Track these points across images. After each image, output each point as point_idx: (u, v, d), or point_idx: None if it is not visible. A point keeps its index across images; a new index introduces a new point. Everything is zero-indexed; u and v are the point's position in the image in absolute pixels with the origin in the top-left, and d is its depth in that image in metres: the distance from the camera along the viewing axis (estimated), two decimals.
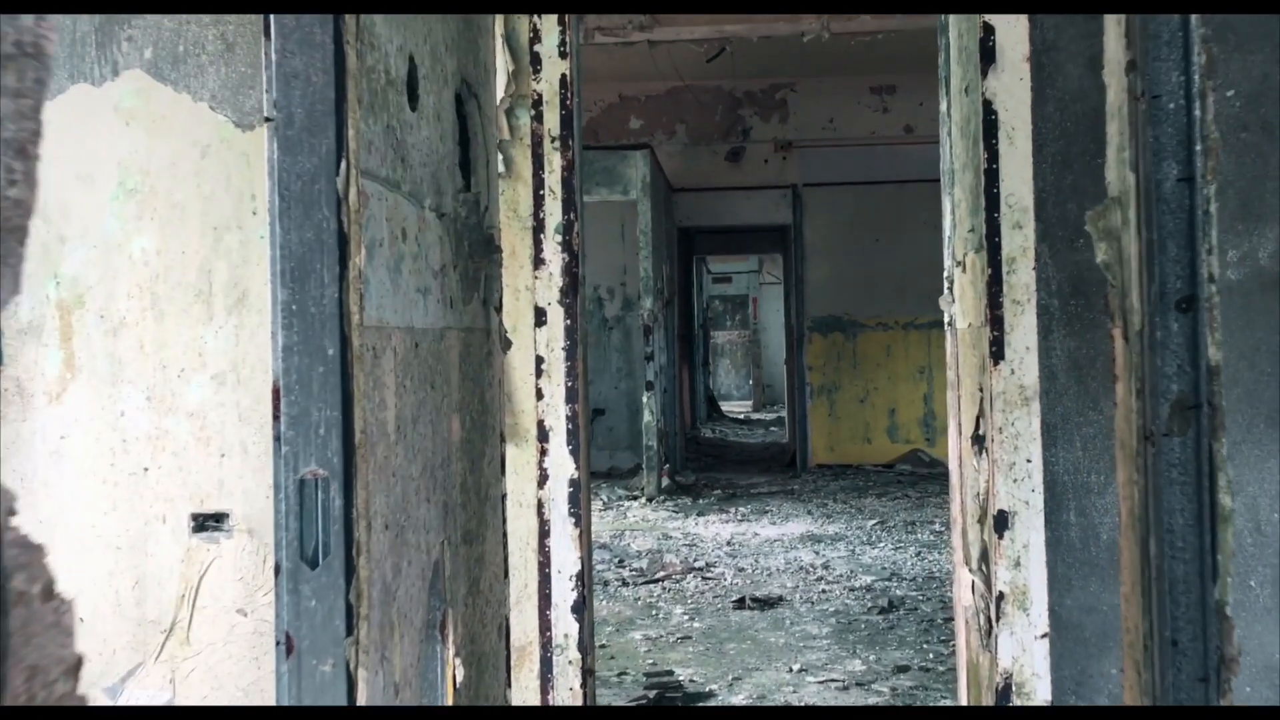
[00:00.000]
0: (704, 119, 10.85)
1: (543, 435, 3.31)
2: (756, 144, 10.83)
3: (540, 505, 3.32)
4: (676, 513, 8.16)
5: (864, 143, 10.62)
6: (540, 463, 3.28)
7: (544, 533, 3.32)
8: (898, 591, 5.41)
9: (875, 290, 10.64)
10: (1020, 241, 2.83)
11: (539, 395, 3.32)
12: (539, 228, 3.34)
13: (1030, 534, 2.81)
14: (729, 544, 6.82)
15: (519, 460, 3.30)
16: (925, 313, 10.54)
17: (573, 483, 3.30)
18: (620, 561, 6.29)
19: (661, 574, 5.83)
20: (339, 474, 1.37)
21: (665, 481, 9.00)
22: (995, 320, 2.84)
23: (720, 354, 23.48)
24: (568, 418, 3.28)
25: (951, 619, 4.89)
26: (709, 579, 5.78)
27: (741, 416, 18.73)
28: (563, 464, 3.30)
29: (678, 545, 6.81)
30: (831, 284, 10.72)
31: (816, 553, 6.46)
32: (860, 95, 10.60)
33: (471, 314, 2.00)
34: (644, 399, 8.81)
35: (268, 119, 1.39)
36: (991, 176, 2.85)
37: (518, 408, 3.31)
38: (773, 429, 16.17)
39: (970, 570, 3.14)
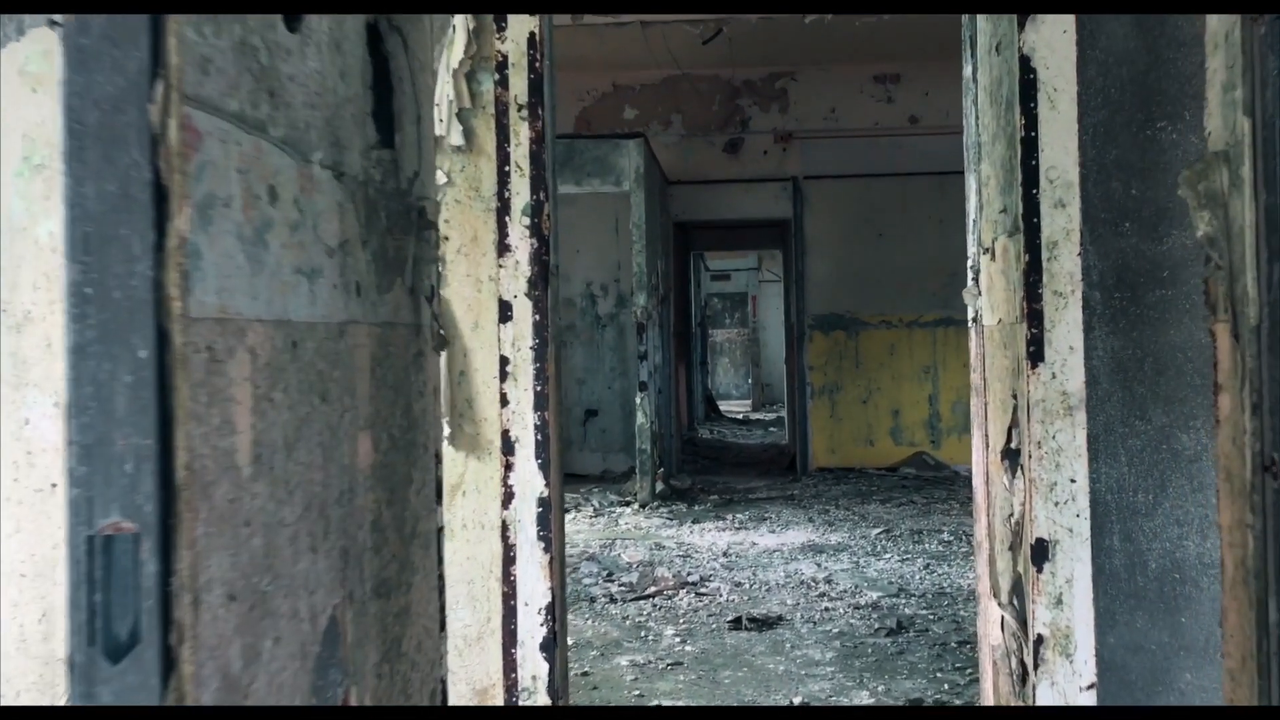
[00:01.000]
0: (701, 109, 10.44)
1: (507, 447, 2.90)
2: (755, 135, 10.42)
3: (505, 528, 2.90)
4: (671, 520, 7.75)
5: (867, 134, 10.21)
6: (505, 479, 2.86)
7: (509, 559, 2.91)
8: (906, 610, 5.00)
9: (878, 287, 10.23)
10: (1063, 222, 2.42)
11: (503, 401, 2.90)
12: (503, 209, 2.92)
13: (1074, 566, 2.40)
14: (725, 555, 6.41)
15: (480, 476, 2.89)
16: (930, 310, 10.13)
17: (542, 502, 2.88)
18: (609, 575, 5.88)
19: (653, 589, 5.42)
20: (153, 528, 0.96)
21: (659, 486, 8.59)
22: (1033, 315, 2.43)
23: (719, 353, 23.07)
24: (536, 427, 2.87)
25: (967, 642, 4.48)
26: (703, 595, 5.37)
27: (740, 416, 18.32)
28: (530, 480, 2.88)
29: (671, 556, 6.40)
30: (833, 280, 10.31)
31: (818, 565, 6.05)
32: (863, 84, 10.19)
33: (392, 305, 1.60)
34: (637, 400, 8.40)
35: (53, 22, 0.98)
36: (1029, 146, 2.43)
37: (479, 415, 2.90)
38: (772, 429, 15.77)
39: (999, 604, 2.74)
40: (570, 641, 4.59)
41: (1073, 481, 2.37)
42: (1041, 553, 2.38)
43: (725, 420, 17.36)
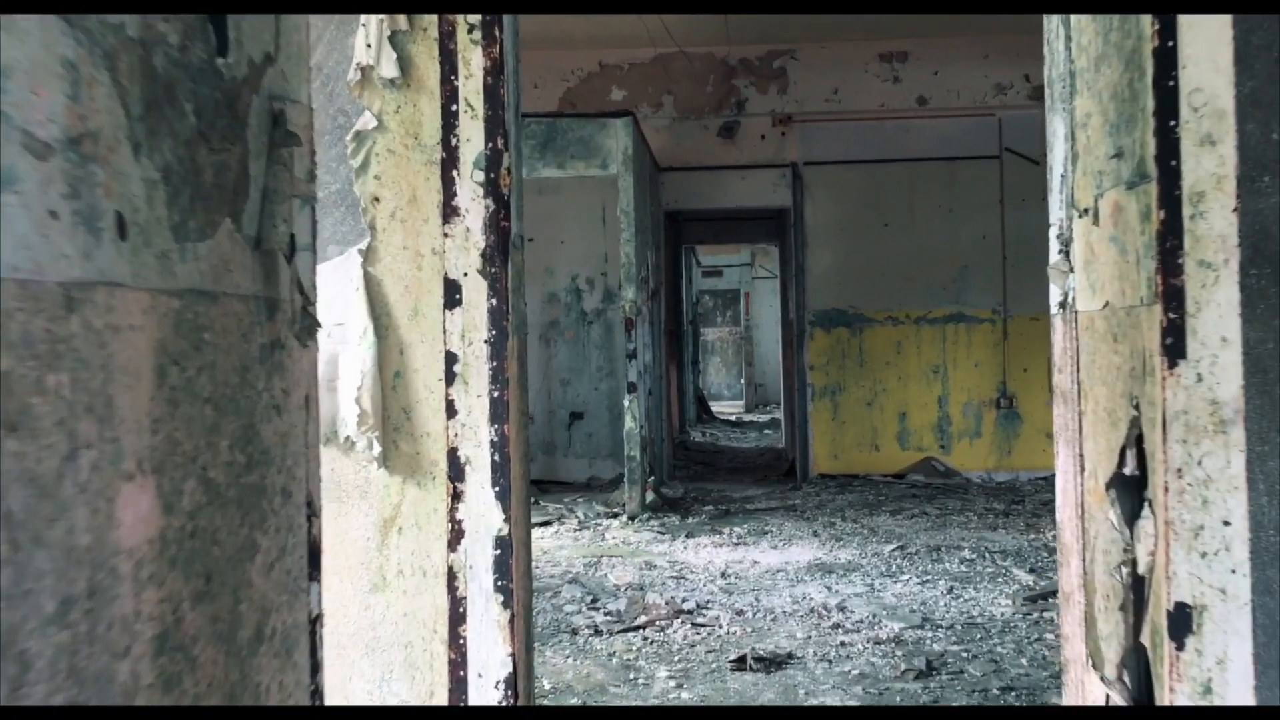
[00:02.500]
0: (694, 90, 9.78)
1: (455, 470, 2.22)
2: (752, 118, 9.76)
3: (452, 575, 2.22)
4: (662, 534, 7.08)
5: (872, 116, 9.56)
6: (452, 511, 2.19)
7: (457, 616, 2.22)
8: (934, 645, 4.35)
9: (884, 280, 9.59)
10: (1212, 166, 1.75)
11: (450, 410, 2.23)
12: (450, 160, 2.25)
13: (1229, 642, 1.74)
14: (724, 575, 5.75)
15: (422, 507, 2.22)
16: (940, 305, 9.50)
17: (500, 542, 2.21)
18: (593, 601, 5.22)
19: (643, 619, 4.75)
20: None
21: (650, 496, 7.92)
22: (1171, 295, 1.77)
23: (710, 352, 22.42)
24: (493, 444, 2.19)
25: (1011, 689, 3.83)
26: (701, 625, 4.70)
27: (733, 418, 17.68)
28: (485, 513, 2.21)
29: (663, 577, 5.74)
30: (835, 274, 9.66)
31: (828, 588, 5.39)
32: (868, 63, 9.54)
33: (210, 263, 0.94)
34: (626, 403, 7.73)
35: None
36: (1165, 61, 1.78)
37: (419, 429, 2.23)
38: (767, 431, 15.13)
39: (1102, 678, 2.09)
40: (547, 685, 3.93)
41: (1226, 525, 1.71)
42: (1183, 623, 1.72)
43: (718, 422, 16.71)
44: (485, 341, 2.12)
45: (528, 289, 9.44)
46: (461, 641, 2.18)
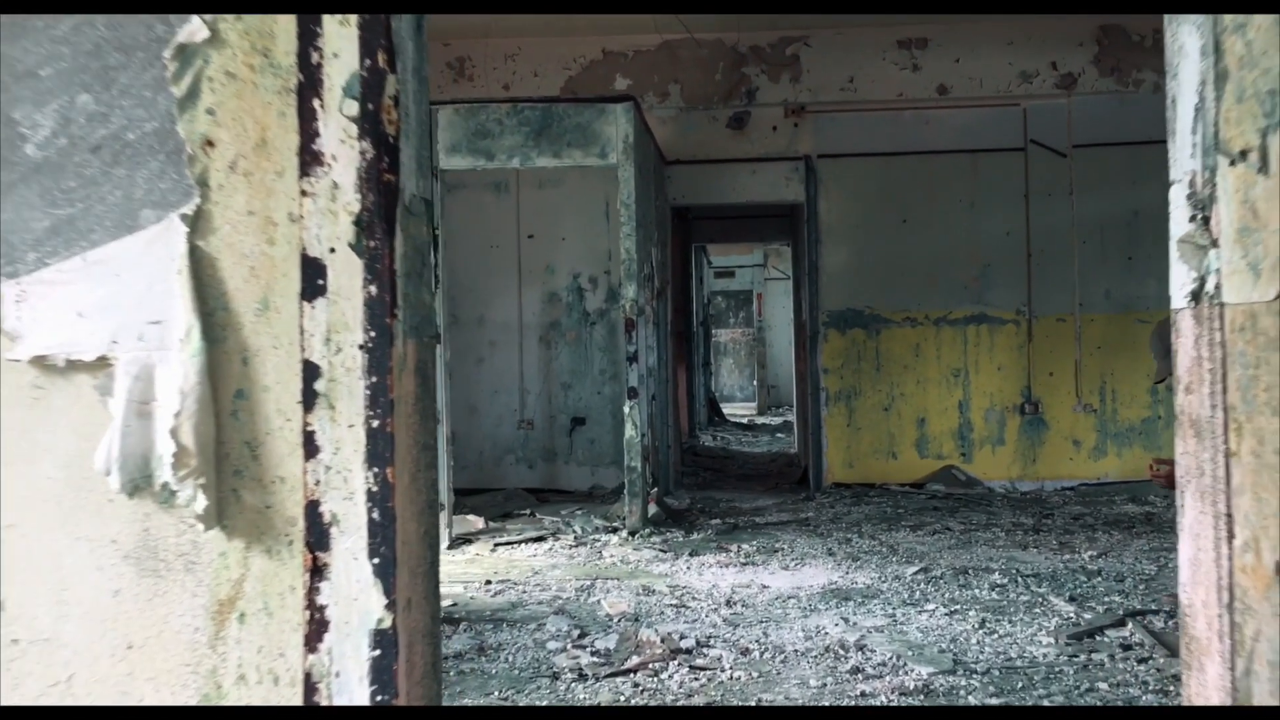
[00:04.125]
0: (702, 79, 9.25)
1: (318, 533, 1.69)
2: (763, 108, 9.23)
3: (311, 683, 1.69)
4: (664, 552, 6.57)
5: (890, 106, 9.02)
6: (312, 592, 1.66)
7: None
8: (971, 697, 3.82)
9: (902, 279, 9.05)
10: None
11: (310, 448, 1.71)
12: (310, 85, 1.73)
13: None
14: (729, 604, 5.23)
15: (272, 584, 1.67)
16: (961, 305, 8.95)
17: (381, 638, 1.63)
18: (581, 635, 4.70)
19: (635, 660, 4.24)
20: None
21: (652, 509, 7.41)
22: None
23: (722, 354, 21.89)
24: (371, 495, 1.64)
25: None
26: (700, 669, 4.18)
27: (745, 421, 17.15)
28: (359, 595, 1.65)
29: (662, 605, 5.22)
30: (851, 272, 9.13)
31: (845, 619, 4.87)
32: (885, 50, 8.99)
33: None
34: (625, 410, 7.21)
35: None
36: None
37: (268, 473, 1.69)
38: (779, 435, 14.61)
39: None
40: None
41: None
42: None
43: (729, 425, 16.19)
44: (360, 347, 1.59)
45: (526, 289, 8.89)
46: None
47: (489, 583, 5.85)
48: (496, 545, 6.95)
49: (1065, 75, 8.71)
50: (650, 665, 4.16)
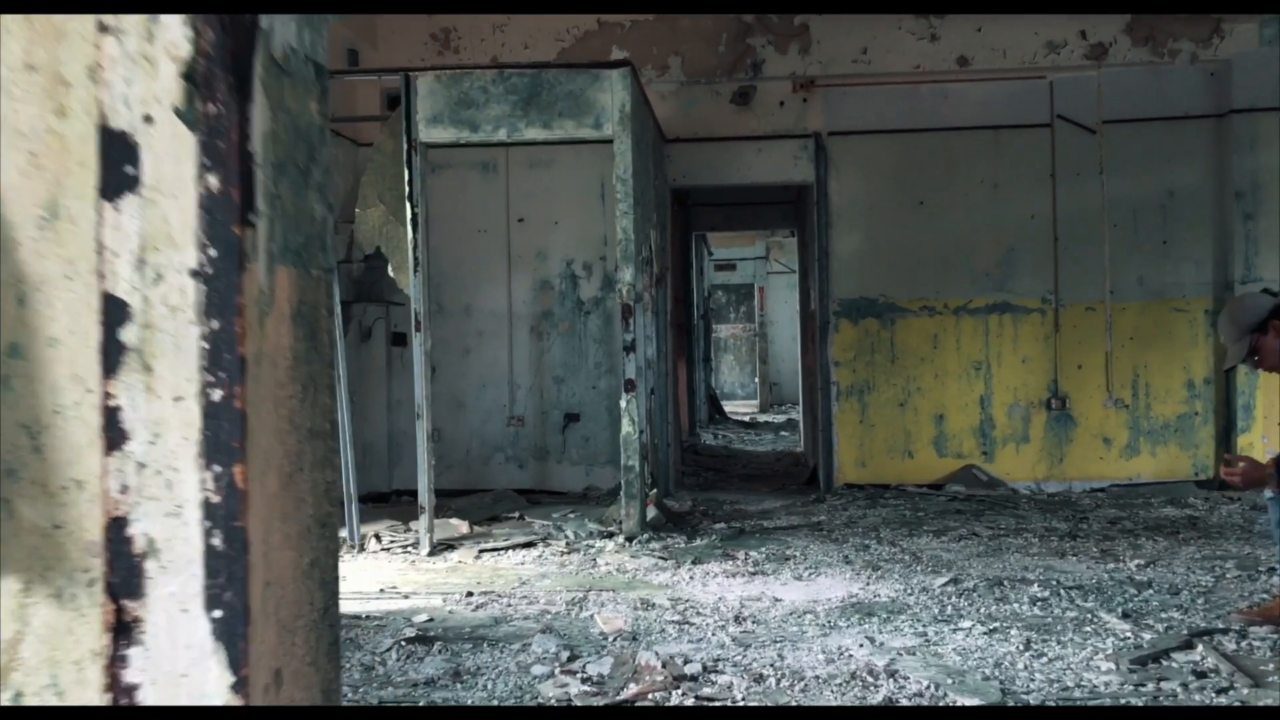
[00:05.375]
0: (704, 51, 8.66)
1: (125, 571, 1.07)
2: (770, 82, 8.63)
3: None
4: (665, 559, 5.98)
5: (906, 79, 8.42)
6: (113, 667, 1.05)
7: None
8: None
9: (919, 266, 8.47)
10: None
11: (113, 435, 1.09)
12: None
13: None
14: (738, 620, 4.64)
15: (62, 648, 1.02)
16: (982, 293, 8.38)
17: None
18: (571, 657, 4.11)
19: (632, 689, 3.64)
20: None
21: (651, 512, 6.81)
22: None
23: (723, 349, 21.31)
24: (210, 509, 1.04)
25: None
26: (708, 700, 3.59)
27: (747, 419, 16.58)
28: (190, 670, 1.06)
29: (662, 621, 4.63)
30: (863, 258, 8.54)
31: (870, 639, 4.27)
32: (901, 18, 8.39)
33: None
34: (623, 403, 6.61)
35: None
36: None
37: (56, 474, 1.05)
38: (783, 433, 14.03)
39: None
40: None
41: None
42: None
43: (731, 423, 15.61)
44: (193, 274, 1.00)
45: (516, 276, 8.26)
46: None
47: (470, 594, 5.27)
48: (481, 552, 6.37)
49: (1095, 45, 8.11)
50: (650, 695, 3.57)
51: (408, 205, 6.60)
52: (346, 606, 4.98)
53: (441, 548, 6.45)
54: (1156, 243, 8.18)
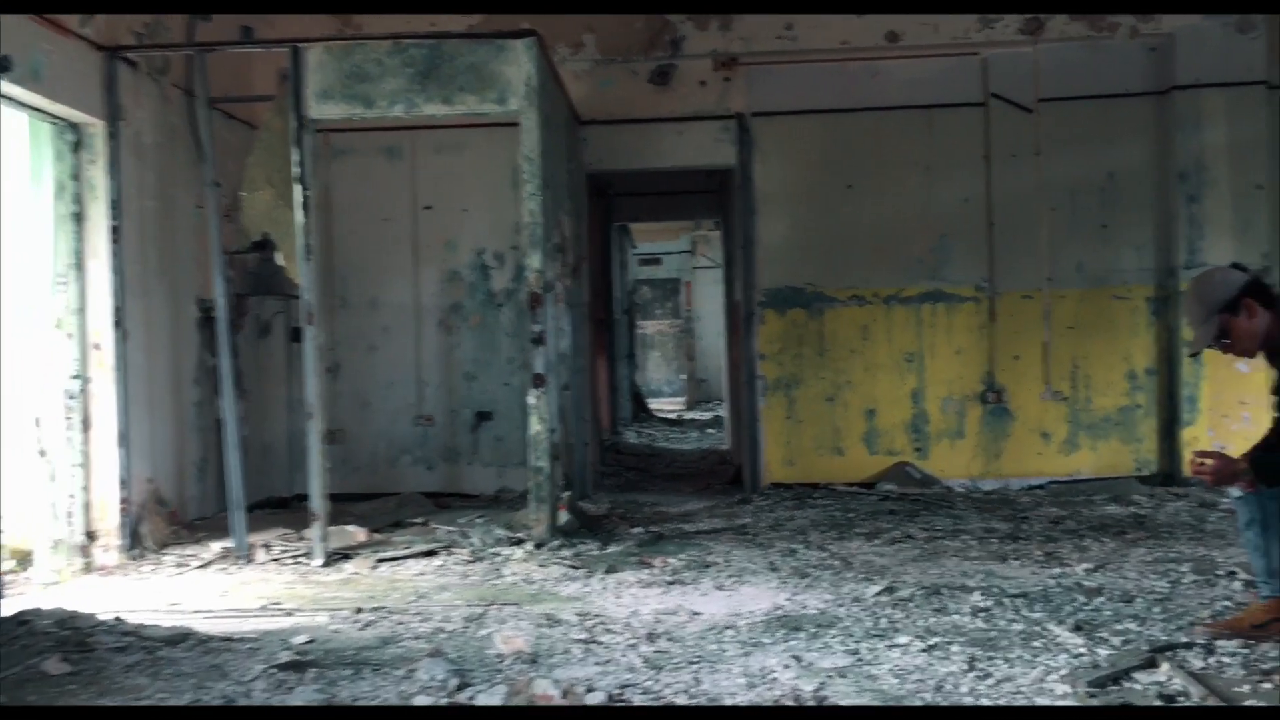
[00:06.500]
0: (620, 26, 8.16)
1: None
2: (690, 60, 8.16)
3: None
4: (575, 568, 5.46)
5: (833, 56, 8.01)
6: None
7: None
8: None
9: (848, 253, 8.08)
10: None
11: None
12: None
13: None
14: (651, 637, 4.14)
15: None
16: (914, 281, 8.03)
17: None
18: (461, 685, 3.58)
19: None
20: None
21: (564, 517, 6.29)
22: None
23: (648, 346, 20.87)
24: None
25: None
26: None
27: (673, 416, 16.15)
28: None
29: (567, 640, 4.11)
30: (790, 245, 8.12)
31: (798, 658, 3.80)
32: None
33: None
34: (531, 400, 6.07)
35: None
36: None
37: None
38: (709, 430, 13.63)
39: None
40: None
41: None
42: None
43: (656, 421, 15.16)
44: None
45: (424, 267, 7.54)
46: None
47: (360, 611, 4.71)
48: (380, 561, 5.80)
49: (1031, 19, 7.77)
50: None
51: (297, 187, 5.99)
52: (220, 626, 4.41)
53: (337, 557, 5.86)
54: (1096, 227, 7.88)
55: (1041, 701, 3.28)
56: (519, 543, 5.98)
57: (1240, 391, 7.44)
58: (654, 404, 17.21)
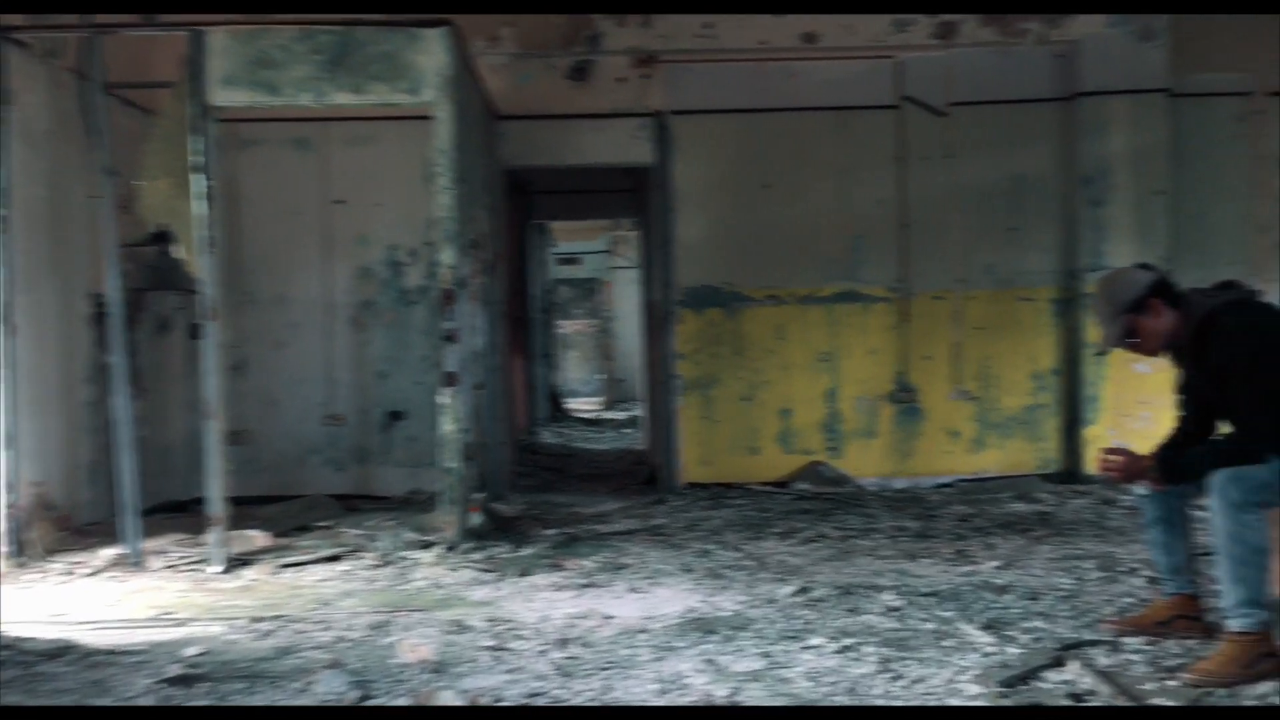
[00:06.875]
0: (538, 21, 8.04)
1: None
2: (609, 56, 8.10)
3: None
4: (487, 571, 5.35)
5: (752, 56, 8.01)
6: None
7: None
8: None
9: (765, 253, 8.09)
10: None
11: None
12: None
13: None
14: (563, 643, 4.05)
15: None
16: (829, 281, 8.07)
17: None
18: (363, 696, 3.45)
19: None
20: None
21: (477, 518, 6.16)
22: None
23: (567, 345, 20.75)
24: None
25: None
26: None
27: (591, 416, 16.08)
28: None
29: (475, 647, 4.00)
30: (708, 244, 8.10)
31: (711, 662, 3.76)
32: None
33: None
34: (443, 399, 5.93)
35: None
36: None
37: None
38: (626, 431, 13.59)
39: None
40: None
41: None
42: None
43: (573, 421, 15.07)
44: None
45: (335, 263, 7.28)
46: None
47: (258, 620, 4.52)
48: (282, 567, 5.60)
49: (943, 24, 7.87)
50: None
51: (198, 177, 5.76)
52: (106, 638, 4.19)
53: (237, 564, 5.64)
54: (1004, 229, 8.01)
55: (954, 702, 3.28)
56: (429, 546, 5.83)
57: (1140, 392, 7.63)
58: (572, 404, 17.11)
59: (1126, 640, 3.81)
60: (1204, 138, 7.99)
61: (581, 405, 17.70)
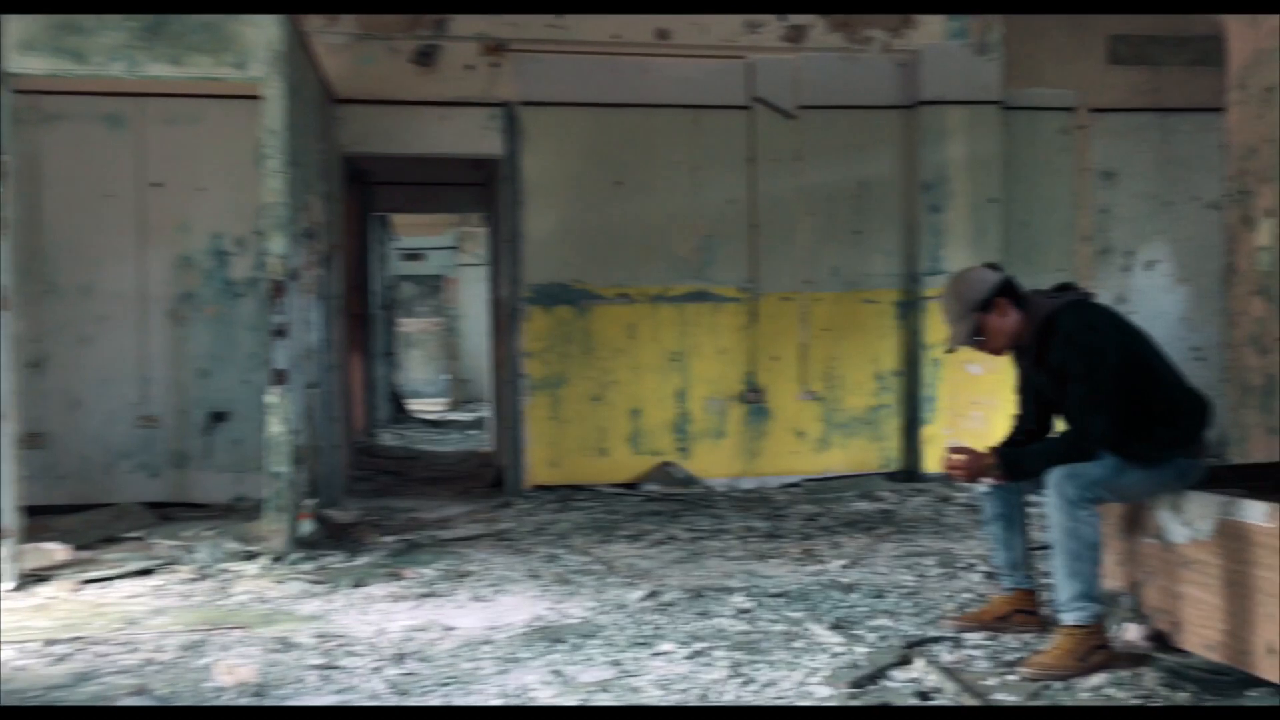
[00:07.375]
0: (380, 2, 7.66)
1: None
2: (456, 42, 7.79)
3: None
4: (317, 583, 4.99)
5: (604, 49, 7.85)
6: None
7: None
8: None
9: (616, 250, 7.94)
10: None
11: None
12: None
13: None
14: (399, 658, 3.77)
15: None
16: (680, 280, 7.99)
17: None
18: None
19: None
20: None
21: (308, 526, 5.76)
22: None
23: (410, 344, 20.16)
24: None
25: None
26: None
27: (435, 417, 15.62)
28: None
29: (302, 666, 3.68)
30: (558, 240, 7.89)
31: (558, 673, 3.55)
32: None
33: None
34: (271, 399, 5.52)
35: None
36: None
37: None
38: (472, 432, 13.23)
39: None
40: None
41: None
42: None
43: (416, 422, 14.59)
44: None
45: (151, 251, 6.47)
46: None
47: (53, 642, 4.05)
48: (85, 583, 5.07)
49: (793, 27, 7.90)
50: None
51: None
52: None
53: (31, 580, 5.09)
54: (850, 232, 8.10)
55: (806, 706, 3.17)
56: (253, 557, 5.41)
57: (973, 393, 7.85)
58: (415, 404, 16.59)
59: (967, 636, 3.82)
60: (1033, 149, 8.29)
61: (426, 406, 17.19)
